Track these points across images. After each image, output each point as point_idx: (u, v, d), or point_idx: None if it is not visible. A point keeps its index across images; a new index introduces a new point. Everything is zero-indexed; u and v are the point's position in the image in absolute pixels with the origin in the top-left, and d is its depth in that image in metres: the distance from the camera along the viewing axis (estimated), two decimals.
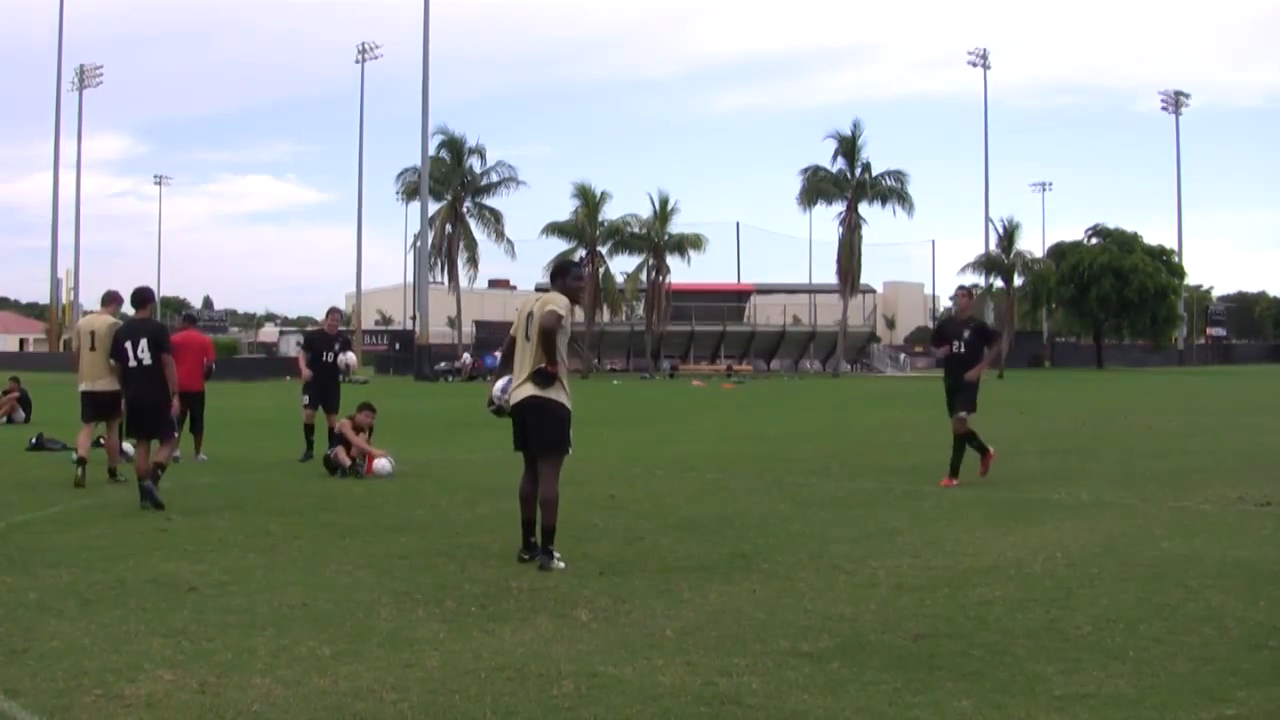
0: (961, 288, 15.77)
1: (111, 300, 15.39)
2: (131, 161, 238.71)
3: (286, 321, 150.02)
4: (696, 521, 11.90)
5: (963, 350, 14.87)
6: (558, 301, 9.49)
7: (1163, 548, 10.15)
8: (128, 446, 15.30)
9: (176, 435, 14.39)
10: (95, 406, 14.89)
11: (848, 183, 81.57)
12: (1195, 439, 22.56)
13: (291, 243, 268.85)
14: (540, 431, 9.50)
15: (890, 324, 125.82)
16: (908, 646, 6.82)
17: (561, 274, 10.07)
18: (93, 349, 14.82)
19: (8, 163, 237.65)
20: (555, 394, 9.42)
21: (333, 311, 18.64)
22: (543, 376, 9.37)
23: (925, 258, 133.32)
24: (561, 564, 9.27)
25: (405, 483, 15.20)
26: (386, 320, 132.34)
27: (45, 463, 17.72)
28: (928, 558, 9.75)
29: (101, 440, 15.28)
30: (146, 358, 13.19)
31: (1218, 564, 9.37)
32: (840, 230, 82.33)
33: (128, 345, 13.27)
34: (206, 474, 15.89)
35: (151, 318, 13.88)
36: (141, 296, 13.87)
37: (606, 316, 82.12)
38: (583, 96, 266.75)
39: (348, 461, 15.83)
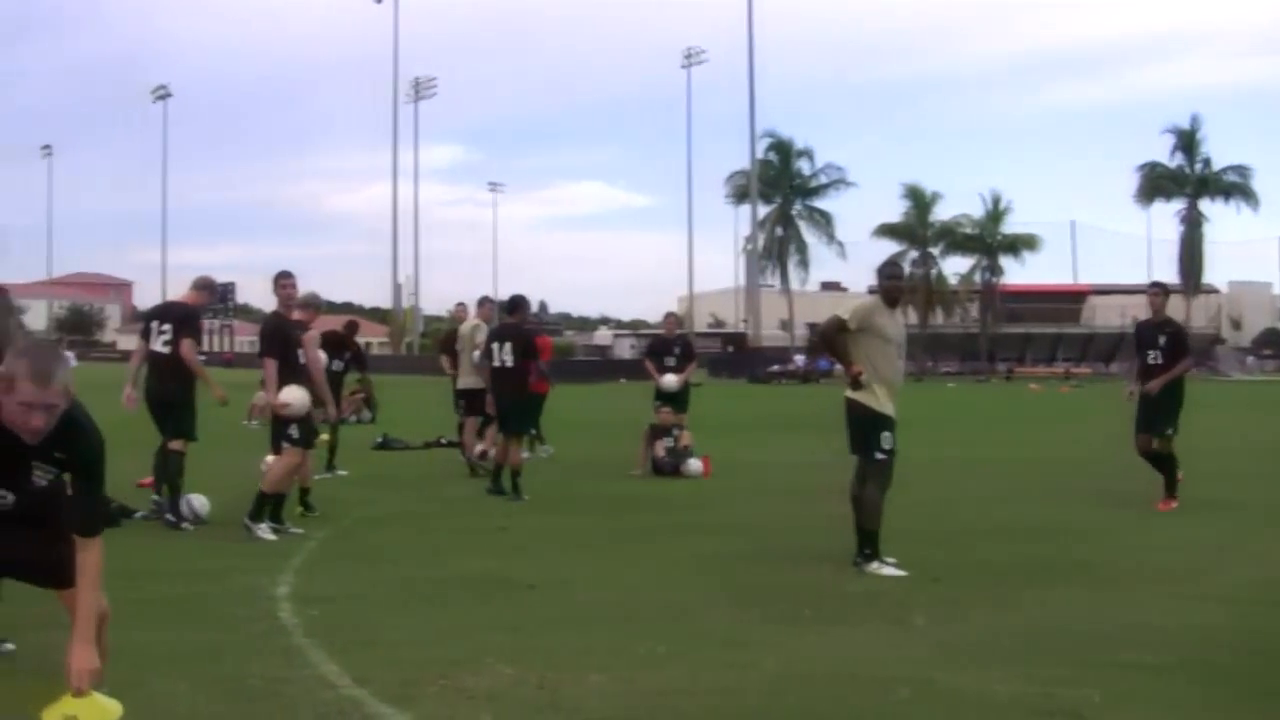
0: (1154, 285, 13.57)
1: (482, 304, 17.11)
2: (464, 169, 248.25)
3: (620, 325, 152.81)
4: (1026, 527, 11.61)
5: (1160, 361, 12.67)
6: (850, 304, 9.67)
7: None
8: (480, 446, 16.00)
9: (527, 434, 15.29)
10: (466, 403, 16.18)
11: (1187, 179, 78.12)
12: None
13: (623, 246, 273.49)
14: (849, 432, 9.48)
15: (1236, 325, 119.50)
16: (1248, 664, 6.43)
17: (877, 275, 10.36)
18: (461, 350, 16.45)
19: (352, 173, 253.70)
20: (859, 395, 9.30)
21: (669, 316, 19.02)
22: (851, 378, 9.31)
23: (1274, 256, 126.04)
24: (888, 569, 9.04)
25: (737, 483, 15.27)
26: (719, 323, 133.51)
27: (390, 461, 18.50)
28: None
29: (442, 439, 15.98)
30: (510, 360, 13.79)
31: None
32: (1180, 228, 79.02)
33: (494, 347, 13.96)
34: (543, 473, 16.22)
35: (521, 324, 14.52)
36: (513, 304, 14.56)
37: (940, 319, 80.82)
38: (908, 93, 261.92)
39: (661, 453, 16.10)
